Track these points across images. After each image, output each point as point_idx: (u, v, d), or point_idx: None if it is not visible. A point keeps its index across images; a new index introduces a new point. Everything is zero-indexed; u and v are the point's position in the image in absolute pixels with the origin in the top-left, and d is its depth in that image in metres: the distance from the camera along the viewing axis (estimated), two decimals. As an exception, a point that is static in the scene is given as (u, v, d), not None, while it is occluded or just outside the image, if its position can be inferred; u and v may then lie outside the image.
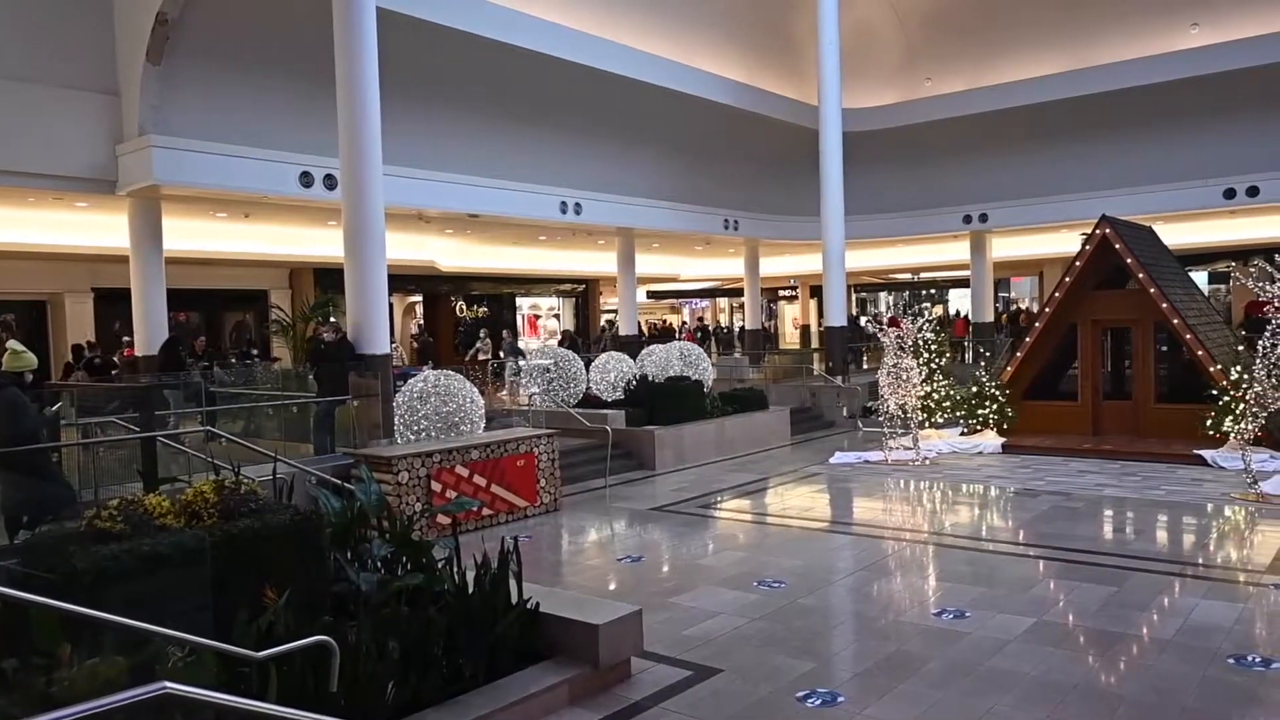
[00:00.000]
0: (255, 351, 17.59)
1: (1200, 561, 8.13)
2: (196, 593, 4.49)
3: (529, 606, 5.43)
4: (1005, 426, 14.84)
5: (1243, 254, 24.51)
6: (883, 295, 39.46)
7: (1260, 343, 10.58)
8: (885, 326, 14.15)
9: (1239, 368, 12.21)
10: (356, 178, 11.18)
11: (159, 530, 4.66)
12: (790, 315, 41.18)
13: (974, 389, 15.23)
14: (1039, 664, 5.61)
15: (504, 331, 24.97)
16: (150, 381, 12.23)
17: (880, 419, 14.34)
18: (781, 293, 40.25)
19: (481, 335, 25.42)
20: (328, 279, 21.57)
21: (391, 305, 27.83)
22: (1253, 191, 20.28)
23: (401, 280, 26.04)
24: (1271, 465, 11.52)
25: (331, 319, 14.61)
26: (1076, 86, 21.60)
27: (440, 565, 5.64)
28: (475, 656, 5.02)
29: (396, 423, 10.78)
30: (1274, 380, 10.29)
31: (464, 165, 17.29)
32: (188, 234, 17.91)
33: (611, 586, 7.80)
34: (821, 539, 9.48)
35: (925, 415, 14.77)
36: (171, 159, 13.07)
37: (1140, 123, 21.58)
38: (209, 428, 9.49)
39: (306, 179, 14.37)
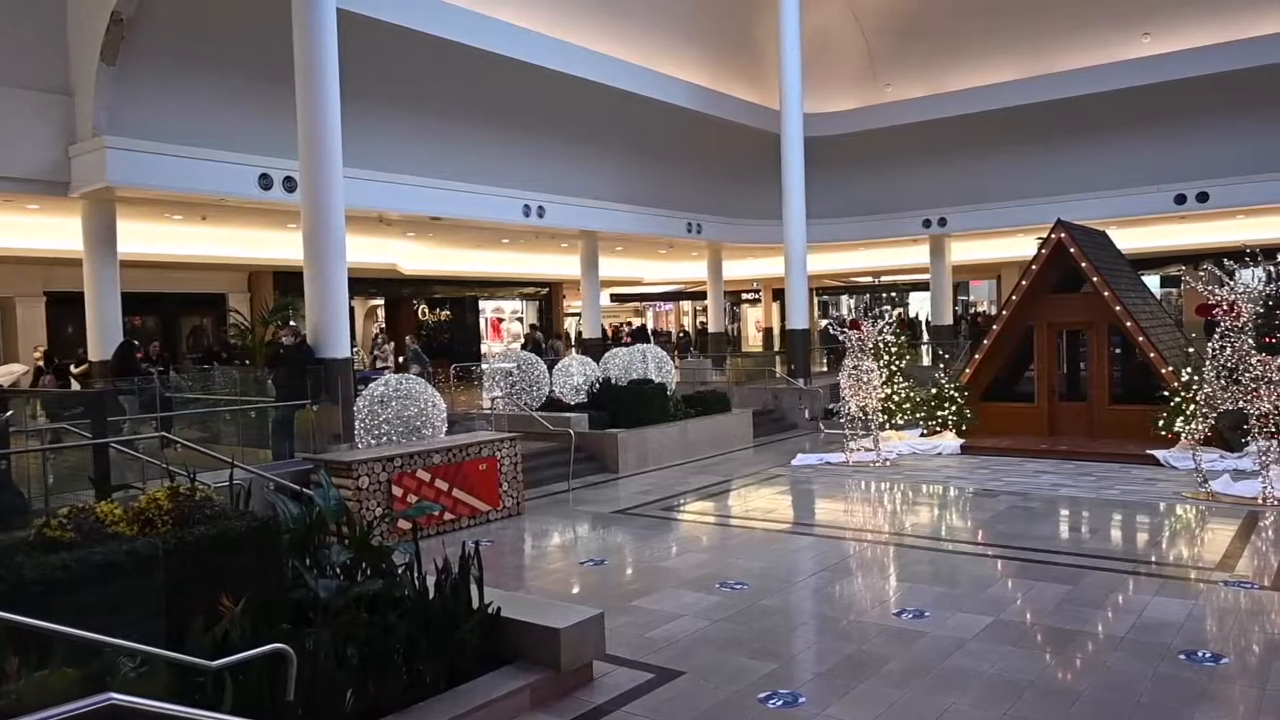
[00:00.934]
0: (225, 355, 17.25)
1: (1153, 560, 8.30)
2: (149, 602, 4.41)
3: (490, 611, 5.40)
4: (964, 428, 15.04)
5: (1193, 258, 25.07)
6: (844, 298, 39.80)
7: (1210, 345, 10.83)
8: (846, 329, 14.28)
9: (1190, 369, 12.51)
10: (316, 180, 11.06)
11: (111, 538, 4.57)
12: (753, 318, 41.39)
13: (933, 391, 15.43)
14: (997, 662, 5.69)
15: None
16: (104, 387, 11.99)
17: (841, 421, 14.46)
18: (745, 296, 40.46)
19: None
20: (287, 282, 21.31)
21: (353, 308, 27.62)
22: (1203, 197, 20.77)
23: (363, 283, 25.77)
24: (1221, 465, 11.79)
25: (291, 323, 14.43)
26: (1033, 94, 22.01)
27: (401, 570, 5.59)
28: (436, 662, 4.99)
29: (357, 427, 10.67)
30: (1223, 381, 10.53)
31: (426, 167, 17.17)
32: (143, 237, 17.60)
33: (574, 590, 7.79)
34: (783, 540, 9.53)
35: (886, 417, 14.93)
36: (126, 160, 12.82)
37: (1095, 129, 22.02)
38: (164, 434, 9.33)
39: (266, 181, 14.18)
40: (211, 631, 4.37)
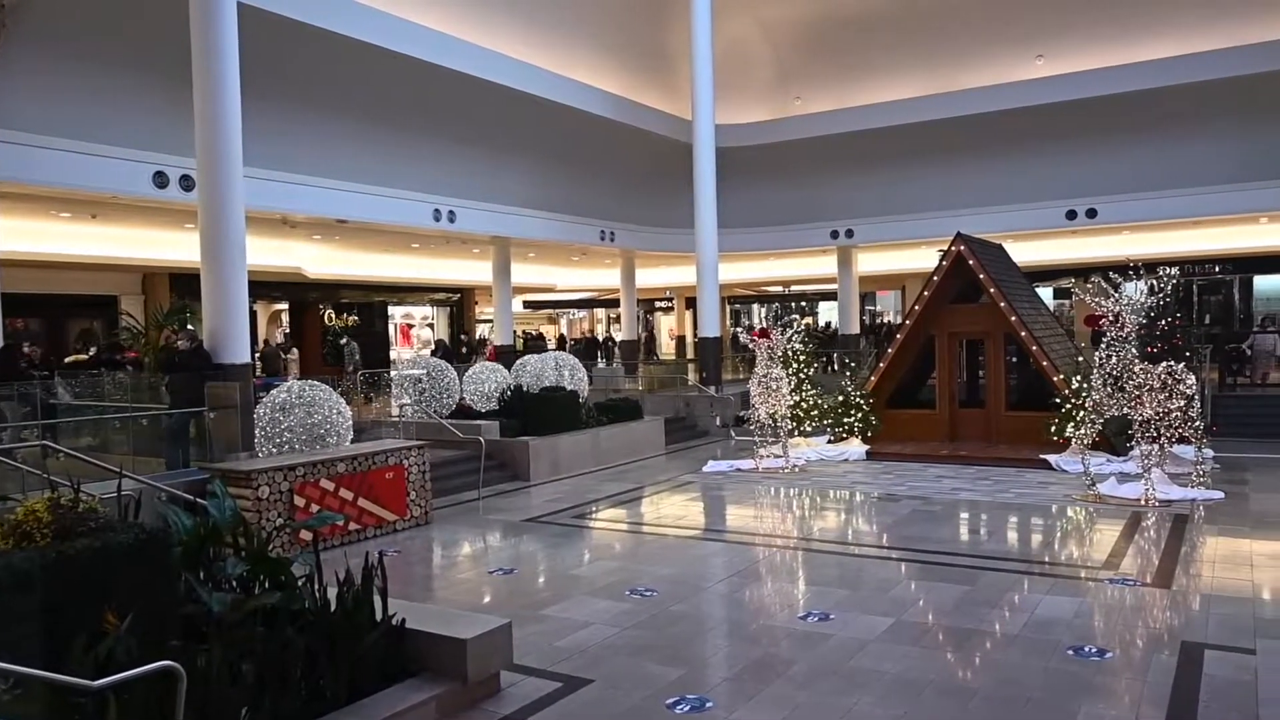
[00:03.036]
0: (129, 360, 16.38)
1: (1045, 560, 8.63)
2: (26, 619, 4.16)
3: (394, 623, 5.28)
4: (869, 434, 15.41)
5: (1083, 271, 26.20)
6: (755, 307, 40.40)
7: (1097, 354, 11.35)
8: (755, 337, 14.49)
9: (1079, 377, 13.09)
10: (215, 179, 10.68)
11: (-17, 553, 4.30)
12: (667, 326, 41.66)
13: (840, 398, 15.77)
14: (898, 662, 5.83)
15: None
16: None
17: (752, 428, 14.66)
18: (658, 304, 40.70)
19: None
20: (184, 285, 20.49)
21: (255, 312, 26.76)
22: (1091, 213, 21.79)
23: (266, 287, 24.98)
24: (1108, 468, 12.36)
25: (189, 326, 13.88)
26: (934, 111, 22.77)
27: (301, 583, 5.41)
28: (337, 676, 4.85)
29: (257, 435, 10.31)
30: (1109, 389, 11.04)
31: (333, 169, 16.74)
32: (27, 235, 16.71)
33: (483, 600, 7.68)
34: (694, 547, 9.59)
35: (795, 424, 15.19)
36: (7, 154, 12.11)
37: (993, 146, 22.89)
38: (45, 442, 8.84)
39: (161, 179, 13.61)
40: (94, 650, 4.15)
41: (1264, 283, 28.07)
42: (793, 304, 38.18)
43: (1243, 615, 6.58)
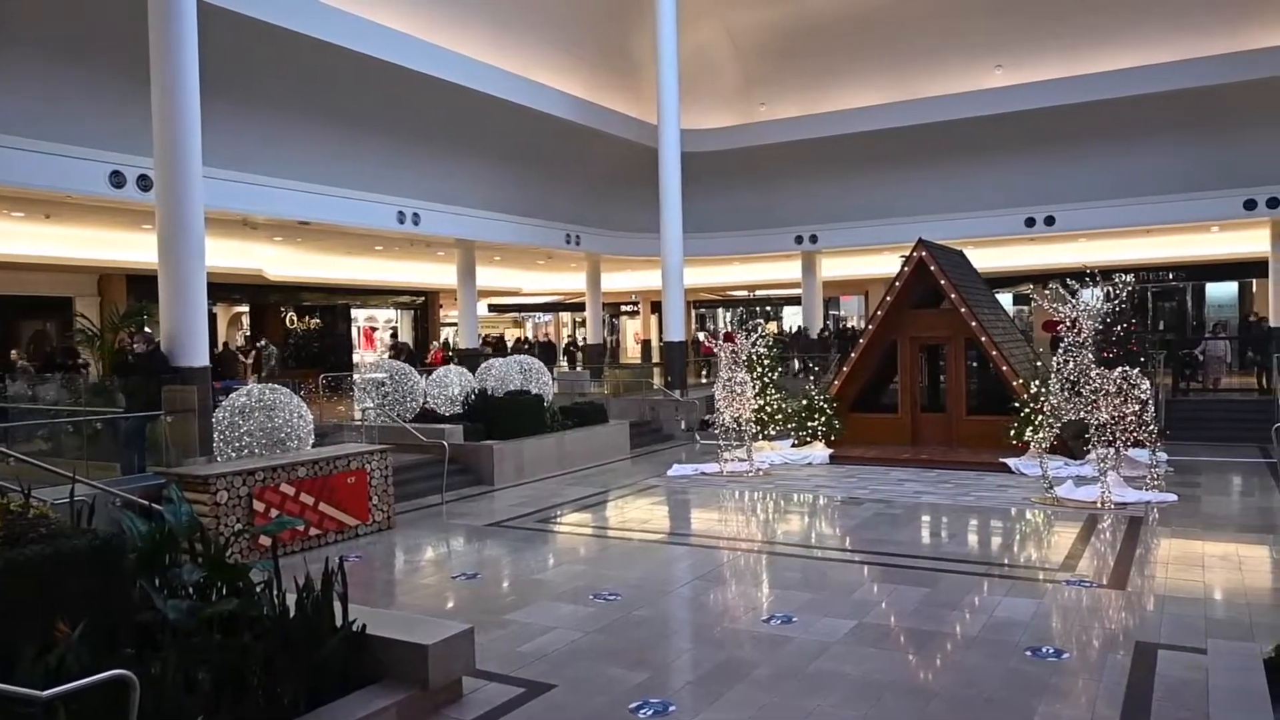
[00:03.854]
0: (82, 364, 16.00)
1: (1005, 562, 8.76)
2: (-27, 628, 4.06)
3: (354, 629, 5.22)
4: (833, 438, 15.53)
5: (1042, 278, 26.71)
6: (720, 311, 40.56)
7: (1055, 359, 11.53)
8: (721, 341, 14.55)
9: (1037, 382, 13.29)
10: (173, 179, 10.52)
11: (-72, 560, 4.19)
12: (632, 330, 41.69)
13: (804, 402, 15.88)
14: (860, 664, 5.87)
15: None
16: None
17: (716, 432, 14.71)
18: (624, 308, 40.72)
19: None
20: (142, 286, 20.11)
21: (214, 315, 26.37)
22: (1050, 221, 22.16)
23: (226, 289, 24.64)
24: (1065, 471, 12.56)
25: (146, 329, 13.63)
26: (896, 118, 23.05)
27: (259, 589, 5.34)
28: (296, 683, 4.77)
29: (216, 439, 10.16)
30: (1066, 393, 11.23)
31: (296, 170, 16.55)
32: (-23, 234, 16.35)
33: (446, 605, 7.62)
34: (658, 550, 9.59)
35: (759, 428, 15.27)
36: (-43, 152, 11.88)
37: (954, 154, 23.21)
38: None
39: (118, 178, 13.36)
40: (45, 659, 4.06)
41: (1215, 290, 28.74)
42: (758, 308, 38.37)
43: (1194, 615, 6.71)
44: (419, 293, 32.25)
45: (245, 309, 28.41)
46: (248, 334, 28.11)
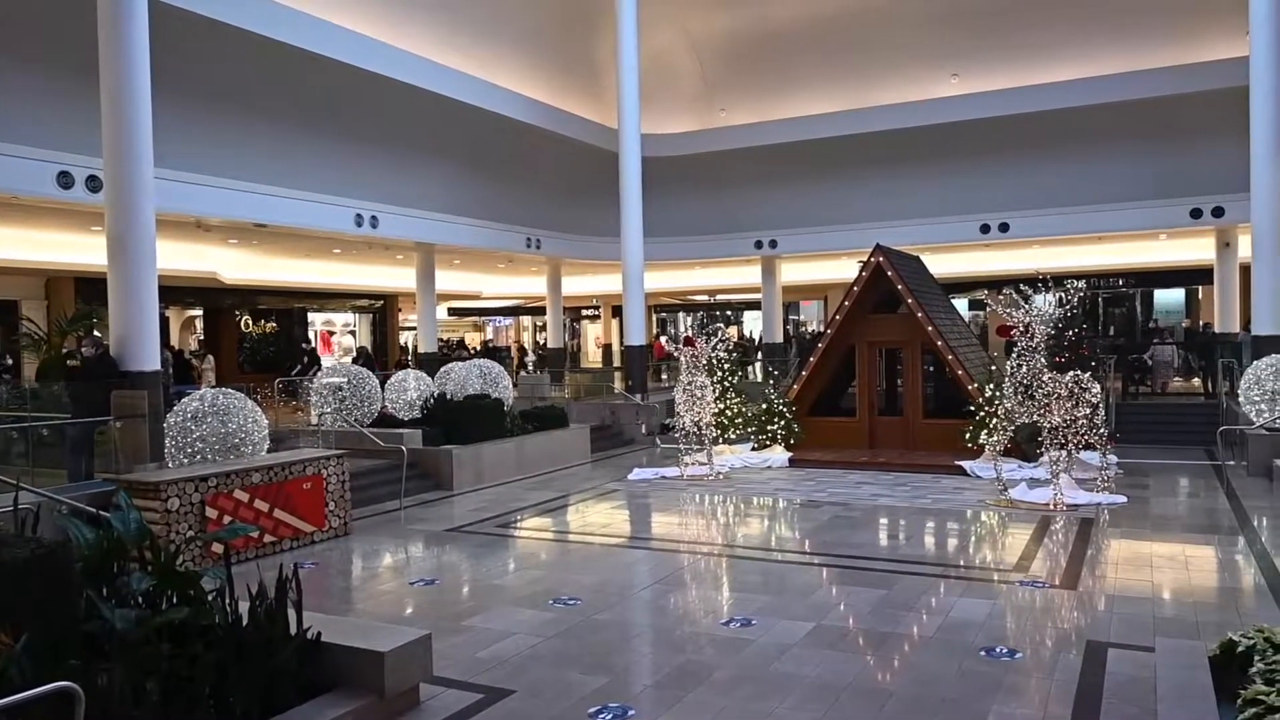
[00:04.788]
0: (6, 367, 15.63)
1: (960, 563, 8.88)
2: (-89, 640, 3.94)
3: (309, 636, 5.14)
4: (792, 442, 15.64)
5: (996, 283, 27.13)
6: (682, 316, 40.68)
7: (1009, 363, 11.72)
8: (681, 346, 14.59)
9: (992, 386, 13.50)
10: (123, 180, 10.30)
11: None
12: (594, 334, 41.65)
13: (764, 406, 15.97)
14: (817, 665, 5.91)
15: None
16: None
17: (677, 436, 14.73)
18: (585, 312, 40.67)
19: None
20: (91, 289, 19.63)
21: (167, 319, 25.86)
22: (1004, 227, 22.54)
23: (179, 292, 24.17)
24: (1019, 474, 12.76)
25: (95, 333, 13.33)
26: (855, 125, 23.32)
27: (211, 597, 5.24)
28: (249, 693, 4.69)
29: (168, 445, 9.96)
30: (1019, 397, 11.42)
31: (251, 172, 16.28)
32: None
33: (404, 611, 7.55)
34: (618, 554, 9.59)
35: (719, 432, 15.33)
36: (-104, 151, 11.54)
37: (911, 160, 23.52)
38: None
39: (65, 179, 13.03)
40: (-14, 671, 3.95)
41: (1164, 296, 29.45)
42: (718, 313, 38.55)
43: (1143, 614, 6.85)
44: (378, 296, 31.92)
45: (199, 313, 27.91)
46: (201, 338, 27.63)
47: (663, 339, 14.73)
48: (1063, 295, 11.78)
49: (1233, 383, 16.25)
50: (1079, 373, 11.82)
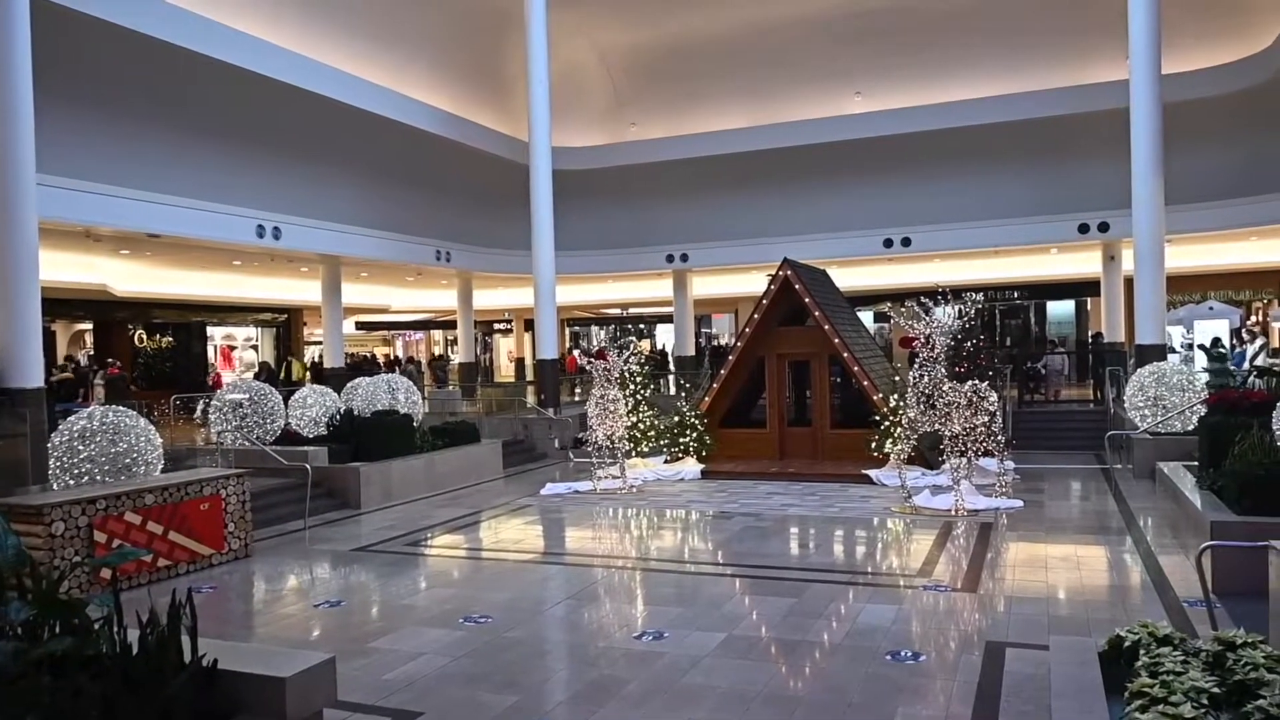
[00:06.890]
0: None
1: (867, 570, 9.07)
2: None
3: (204, 664, 4.92)
4: (704, 454, 15.76)
5: (900, 296, 27.99)
6: (595, 329, 40.69)
7: (911, 374, 12.06)
8: (593, 359, 14.57)
9: (896, 396, 13.87)
10: (3, 186, 9.78)
11: None
12: (506, 348, 41.31)
13: (676, 419, 16.06)
14: (729, 675, 5.95)
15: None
16: None
17: (590, 450, 14.69)
18: (497, 325, 40.32)
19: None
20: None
21: (53, 332, 24.63)
22: (906, 242, 23.27)
23: (66, 305, 23.07)
24: (923, 481, 13.13)
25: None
26: (761, 141, 23.80)
27: (98, 625, 4.97)
28: (138, 726, 4.46)
29: (52, 465, 9.45)
30: (921, 407, 11.75)
31: (144, 180, 15.63)
32: None
33: (309, 635, 7.31)
34: (531, 570, 9.49)
35: (632, 445, 15.34)
36: None
37: (817, 176, 24.12)
38: None
39: (-61, 186, 12.33)
40: None
41: (1056, 308, 30.81)
42: (631, 326, 38.68)
43: (1039, 614, 7.11)
44: (281, 310, 31.03)
45: (89, 326, 26.65)
46: (90, 352, 26.38)
47: (575, 352, 14.68)
48: (961, 308, 12.19)
49: (1119, 389, 17.08)
50: (977, 382, 12.23)
